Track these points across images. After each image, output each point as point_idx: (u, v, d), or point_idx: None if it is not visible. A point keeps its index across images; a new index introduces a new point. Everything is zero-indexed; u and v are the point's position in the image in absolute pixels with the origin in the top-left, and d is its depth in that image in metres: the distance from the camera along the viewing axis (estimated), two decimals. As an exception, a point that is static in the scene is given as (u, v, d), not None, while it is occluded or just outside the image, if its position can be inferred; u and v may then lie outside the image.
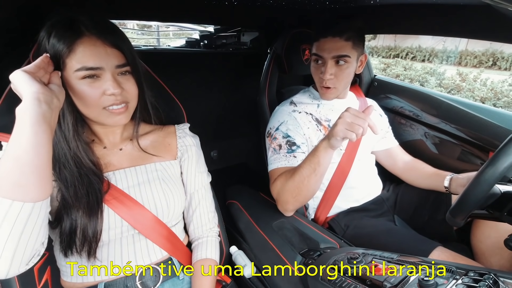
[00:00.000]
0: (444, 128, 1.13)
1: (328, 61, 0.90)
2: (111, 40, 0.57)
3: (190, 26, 2.80)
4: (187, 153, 0.75)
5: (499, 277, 0.48)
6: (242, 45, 1.72)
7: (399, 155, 1.11)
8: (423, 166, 1.05)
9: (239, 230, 0.90)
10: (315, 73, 0.96)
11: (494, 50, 7.62)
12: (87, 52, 0.55)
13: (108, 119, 0.60)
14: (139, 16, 1.34)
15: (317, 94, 1.03)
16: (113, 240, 0.63)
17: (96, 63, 0.55)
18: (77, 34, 0.55)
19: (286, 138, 0.93)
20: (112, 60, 0.57)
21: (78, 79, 0.56)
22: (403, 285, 0.51)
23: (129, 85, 0.61)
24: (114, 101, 0.59)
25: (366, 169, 1.08)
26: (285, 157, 0.91)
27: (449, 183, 0.91)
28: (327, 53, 0.90)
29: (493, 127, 0.99)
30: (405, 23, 1.03)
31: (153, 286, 0.65)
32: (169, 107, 0.82)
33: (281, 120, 0.97)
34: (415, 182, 1.05)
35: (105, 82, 0.57)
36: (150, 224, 0.65)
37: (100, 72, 0.57)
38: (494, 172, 0.55)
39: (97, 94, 0.57)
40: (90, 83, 0.56)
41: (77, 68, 0.55)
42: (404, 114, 1.28)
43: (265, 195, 1.04)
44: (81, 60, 0.55)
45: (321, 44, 0.90)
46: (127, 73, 0.61)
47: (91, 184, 0.59)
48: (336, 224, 1.00)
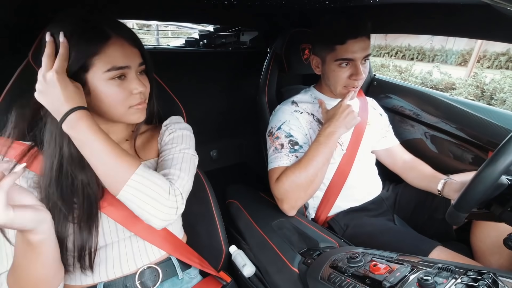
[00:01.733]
0: (444, 127, 1.13)
1: (358, 62, 0.88)
2: (133, 40, 0.59)
3: (190, 25, 2.80)
4: (163, 138, 0.71)
5: (499, 276, 0.48)
6: (241, 44, 1.72)
7: (399, 153, 1.11)
8: (422, 167, 1.04)
9: (239, 230, 0.90)
10: (340, 76, 0.90)
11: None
12: (118, 52, 0.56)
13: (133, 116, 0.61)
14: (139, 16, 1.34)
15: (319, 94, 1.03)
16: (110, 244, 0.62)
17: (125, 62, 0.57)
18: (106, 36, 0.55)
19: (288, 137, 0.92)
20: (136, 59, 0.59)
21: (107, 80, 0.56)
22: (402, 285, 0.51)
23: (146, 83, 0.63)
24: (140, 100, 0.60)
25: (367, 169, 1.08)
26: (286, 156, 0.90)
27: (442, 187, 0.91)
28: (359, 54, 0.86)
29: (493, 126, 0.99)
30: (404, 23, 1.03)
31: (152, 286, 0.65)
32: (168, 107, 0.82)
33: (283, 120, 0.96)
34: (413, 182, 1.05)
35: (132, 82, 0.58)
36: (145, 225, 0.64)
37: (127, 71, 0.58)
38: (505, 160, 0.55)
39: (126, 94, 0.58)
40: (119, 84, 0.57)
41: (108, 69, 0.55)
42: (403, 113, 1.28)
43: (265, 195, 1.04)
44: (112, 61, 0.55)
45: (350, 46, 0.86)
46: (143, 72, 0.63)
47: (88, 197, 0.58)
48: (336, 224, 1.00)
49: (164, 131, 0.72)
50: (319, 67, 0.97)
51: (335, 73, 0.91)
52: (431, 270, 0.53)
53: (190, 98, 0.99)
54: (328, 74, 0.93)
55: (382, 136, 1.12)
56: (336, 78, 0.92)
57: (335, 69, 0.90)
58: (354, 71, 0.88)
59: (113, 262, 0.62)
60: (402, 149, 1.12)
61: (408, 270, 0.55)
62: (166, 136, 0.71)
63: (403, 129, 1.28)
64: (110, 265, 0.62)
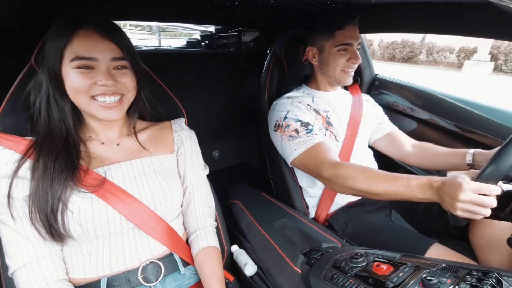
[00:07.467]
0: (448, 127, 1.13)
1: (354, 47, 0.98)
2: (108, 34, 0.59)
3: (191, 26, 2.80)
4: (183, 146, 0.76)
5: (503, 276, 0.48)
6: (243, 45, 1.72)
7: (403, 137, 1.10)
8: (434, 146, 1.01)
9: (241, 230, 0.90)
10: (339, 60, 0.99)
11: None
12: (83, 43, 0.57)
13: (99, 112, 0.61)
14: (140, 17, 1.35)
15: (309, 90, 1.08)
16: (114, 233, 0.63)
17: (90, 54, 0.57)
18: (76, 27, 0.57)
19: (299, 121, 0.95)
20: (108, 53, 0.59)
21: (73, 69, 0.57)
22: (406, 285, 0.51)
23: (126, 79, 0.62)
24: (104, 91, 0.59)
25: (364, 164, 1.07)
26: (308, 137, 0.91)
27: (472, 158, 0.85)
28: (355, 39, 0.97)
29: (497, 125, 0.99)
30: (404, 22, 1.03)
31: (154, 281, 0.65)
32: (170, 108, 0.82)
33: (286, 110, 0.98)
34: (429, 163, 1.00)
35: (99, 74, 0.58)
36: (147, 218, 0.65)
37: (95, 63, 0.58)
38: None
39: (87, 83, 0.58)
40: (83, 73, 0.58)
41: (72, 58, 0.57)
42: (406, 113, 1.28)
43: (267, 195, 1.05)
44: (76, 51, 0.57)
45: (347, 32, 0.96)
46: (124, 67, 0.62)
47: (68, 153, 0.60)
48: (336, 222, 1.00)
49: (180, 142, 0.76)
50: (315, 57, 1.03)
51: (335, 57, 0.99)
52: (435, 270, 0.53)
53: (191, 98, 1.00)
54: (328, 60, 1.00)
55: (378, 123, 1.13)
56: (336, 62, 0.99)
57: (335, 53, 0.98)
58: (352, 55, 0.98)
59: (117, 255, 0.63)
60: (404, 134, 1.12)
61: (411, 270, 0.55)
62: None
63: (406, 128, 1.28)
64: (114, 258, 0.63)
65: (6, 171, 0.57)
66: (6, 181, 0.56)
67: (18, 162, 0.57)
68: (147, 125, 0.76)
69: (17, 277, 0.57)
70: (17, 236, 0.57)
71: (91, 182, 0.61)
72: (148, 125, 0.76)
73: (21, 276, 0.56)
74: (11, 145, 0.59)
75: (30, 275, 0.56)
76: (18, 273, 0.57)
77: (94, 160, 0.65)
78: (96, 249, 0.62)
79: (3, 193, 0.56)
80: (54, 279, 0.58)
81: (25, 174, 0.57)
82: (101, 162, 0.65)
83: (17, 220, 0.56)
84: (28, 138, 0.62)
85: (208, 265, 0.69)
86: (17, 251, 0.57)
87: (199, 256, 0.70)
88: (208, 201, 0.79)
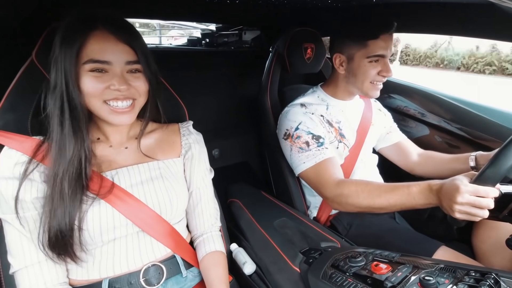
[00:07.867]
0: (448, 128, 1.13)
1: (387, 59, 0.89)
2: (124, 37, 0.57)
3: (192, 24, 2.79)
4: (190, 151, 0.76)
5: (500, 277, 0.48)
6: (244, 43, 1.72)
7: (411, 147, 1.10)
8: (438, 154, 1.02)
9: (240, 229, 0.90)
10: (369, 72, 0.90)
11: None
12: (97, 45, 0.55)
13: (110, 116, 0.60)
14: (141, 14, 1.34)
15: (324, 95, 1.02)
16: (118, 238, 0.63)
17: (104, 57, 0.56)
18: (92, 27, 0.55)
19: (310, 134, 0.92)
20: (123, 56, 0.57)
21: (87, 72, 0.56)
22: (404, 285, 0.51)
23: (139, 83, 0.61)
24: (117, 96, 0.58)
25: (368, 169, 1.08)
26: (318, 151, 0.89)
27: (474, 161, 0.87)
28: (390, 50, 0.89)
29: (497, 127, 0.99)
30: (407, 22, 1.03)
31: (156, 283, 0.65)
32: (171, 105, 0.82)
33: (298, 121, 0.95)
34: (434, 171, 1.01)
35: (112, 78, 0.57)
36: (152, 221, 0.65)
37: (108, 67, 0.57)
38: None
39: (101, 87, 0.56)
40: (97, 76, 0.56)
41: (85, 61, 0.55)
42: (408, 113, 1.28)
43: (267, 194, 1.05)
44: (90, 53, 0.55)
45: (381, 42, 0.87)
46: (137, 71, 0.61)
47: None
48: (339, 223, 1.00)
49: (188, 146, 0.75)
50: (343, 66, 0.95)
51: (366, 69, 0.90)
52: (433, 270, 0.53)
53: (192, 97, 1.00)
54: (356, 71, 0.92)
55: (386, 132, 1.11)
56: (365, 74, 0.91)
57: (365, 65, 0.90)
58: (384, 67, 0.89)
59: (120, 258, 0.63)
60: (412, 143, 1.12)
61: (409, 270, 0.55)
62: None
63: (408, 129, 1.27)
64: (117, 260, 0.63)
65: (14, 172, 0.56)
66: (14, 182, 0.55)
67: (27, 164, 0.56)
68: (155, 127, 0.75)
69: (18, 278, 0.57)
70: (21, 236, 0.56)
71: (100, 188, 0.60)
72: (156, 127, 0.75)
73: (22, 278, 0.56)
74: (16, 145, 0.58)
75: (31, 277, 0.56)
76: (19, 274, 0.57)
77: (102, 164, 0.64)
78: (100, 252, 0.62)
79: (10, 195, 0.55)
80: (54, 282, 0.58)
81: (34, 177, 0.57)
82: (108, 166, 0.64)
83: (23, 221, 0.56)
84: (34, 138, 0.60)
85: (216, 271, 0.69)
86: (20, 252, 0.56)
87: (206, 260, 0.71)
88: (214, 204, 0.79)
